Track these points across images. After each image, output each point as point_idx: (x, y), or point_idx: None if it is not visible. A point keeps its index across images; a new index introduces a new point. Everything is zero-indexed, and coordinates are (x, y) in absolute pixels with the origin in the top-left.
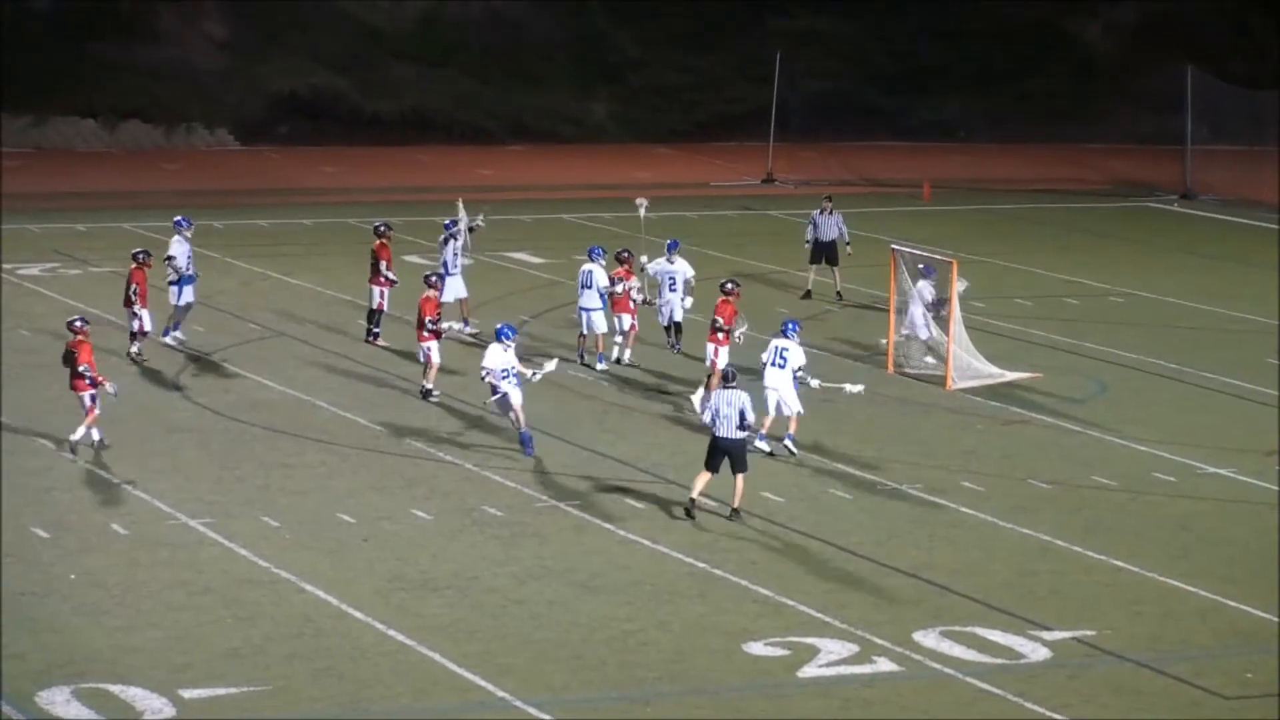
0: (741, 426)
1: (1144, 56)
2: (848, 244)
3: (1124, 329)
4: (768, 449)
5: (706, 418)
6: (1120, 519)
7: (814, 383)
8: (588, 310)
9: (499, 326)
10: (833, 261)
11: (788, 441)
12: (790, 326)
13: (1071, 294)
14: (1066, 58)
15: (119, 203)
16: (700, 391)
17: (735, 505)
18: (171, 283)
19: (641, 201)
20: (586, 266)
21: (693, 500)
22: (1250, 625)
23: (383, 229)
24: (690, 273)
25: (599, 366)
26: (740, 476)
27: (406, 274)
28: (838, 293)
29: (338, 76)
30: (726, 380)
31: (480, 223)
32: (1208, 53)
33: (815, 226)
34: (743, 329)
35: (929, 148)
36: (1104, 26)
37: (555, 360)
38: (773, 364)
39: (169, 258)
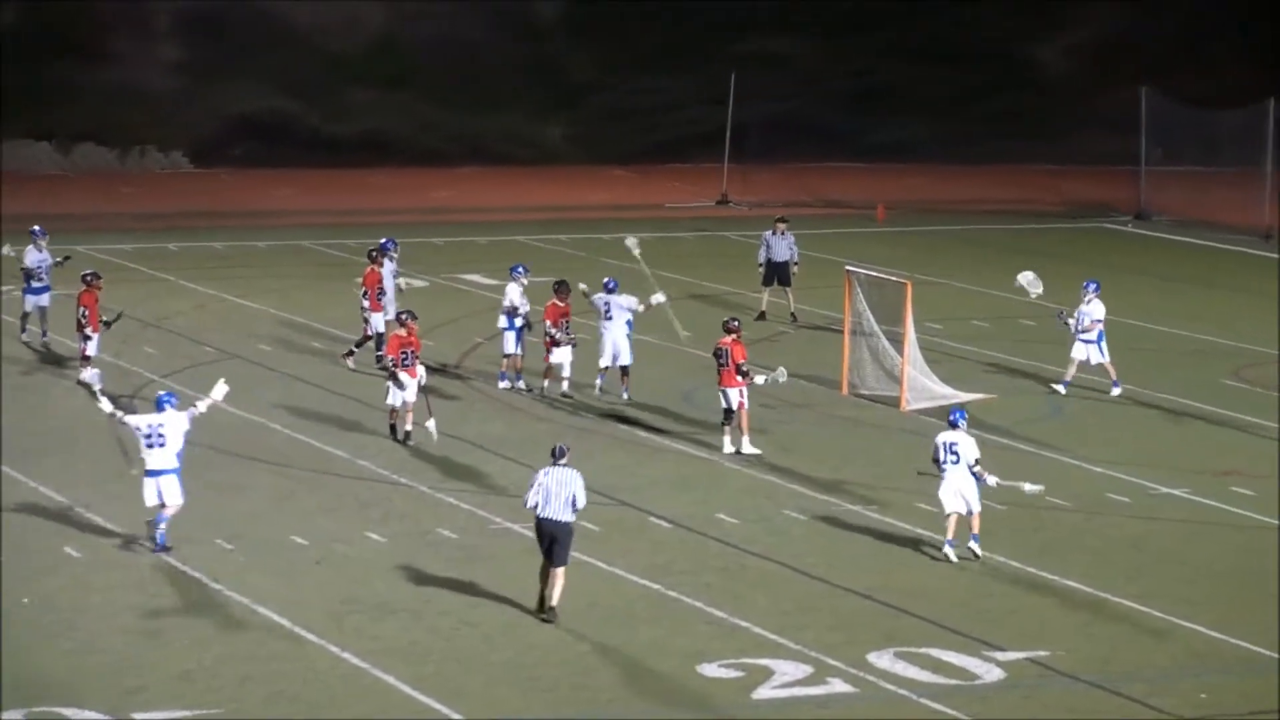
0: (573, 510)
1: (1100, 78)
2: (795, 264)
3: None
4: (955, 557)
5: (533, 499)
6: (1075, 540)
7: (991, 480)
8: (503, 330)
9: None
10: (785, 282)
11: (973, 544)
12: (958, 416)
13: (1027, 315)
14: (1023, 79)
15: (73, 225)
16: (728, 438)
17: (553, 603)
18: (26, 291)
19: (632, 242)
20: (509, 285)
21: (543, 602)
22: (1205, 646)
23: (375, 253)
24: (635, 305)
25: (500, 384)
26: (561, 570)
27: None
28: (792, 314)
29: (293, 99)
30: (557, 457)
31: (402, 285)
32: (1163, 74)
33: (768, 247)
34: (779, 373)
35: (885, 168)
36: (1060, 48)
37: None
38: (944, 461)
39: (23, 267)
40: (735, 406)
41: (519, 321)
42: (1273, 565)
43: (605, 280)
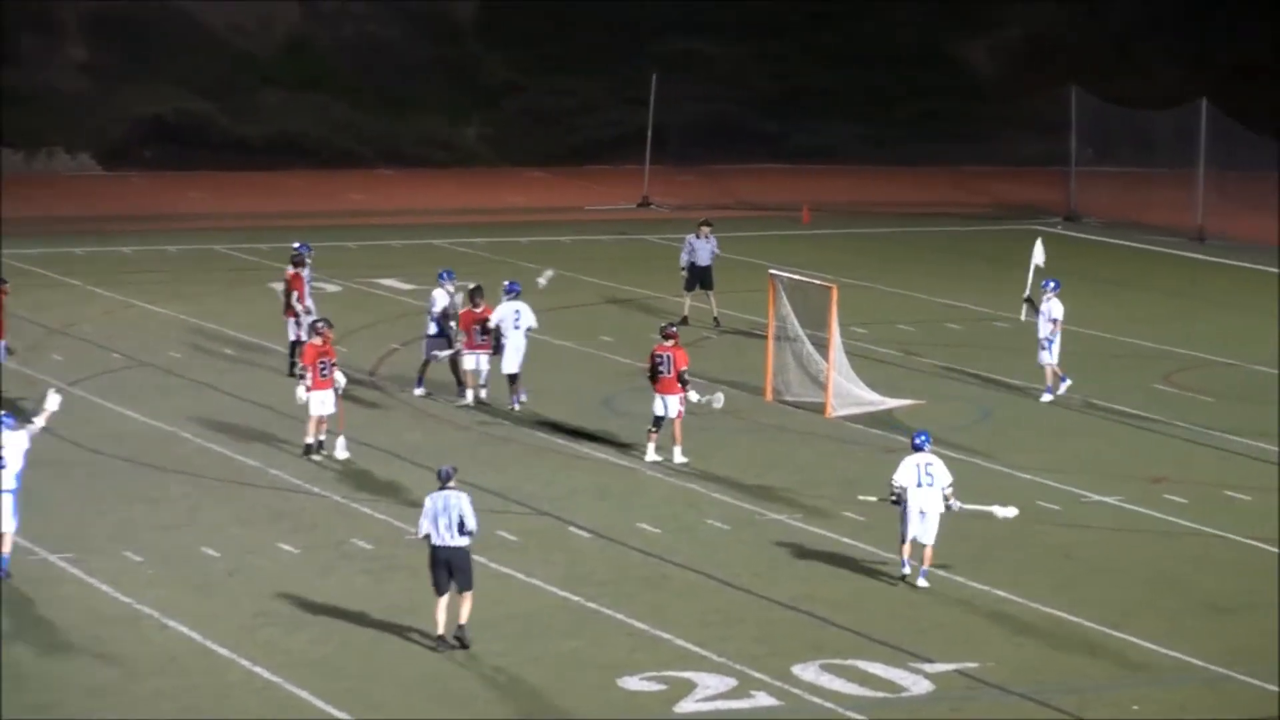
0: (463, 532)
1: (1028, 78)
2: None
3: (1008, 354)
4: (925, 583)
5: (424, 527)
6: (1004, 548)
7: (955, 505)
8: (428, 337)
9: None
10: (708, 286)
11: (921, 579)
12: (924, 439)
13: (954, 319)
14: (950, 79)
15: None
16: (652, 445)
17: (462, 622)
18: None
19: (544, 277)
20: (434, 291)
21: (441, 638)
22: (1138, 657)
23: (297, 256)
24: (531, 321)
25: (416, 391)
26: (467, 595)
27: (272, 301)
28: (715, 319)
29: (204, 100)
30: (443, 480)
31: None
32: (1093, 74)
33: (691, 250)
34: (717, 397)
35: (809, 170)
36: (988, 48)
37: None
38: (919, 484)
39: None
40: (673, 415)
41: (443, 324)
42: (1205, 574)
43: (507, 283)
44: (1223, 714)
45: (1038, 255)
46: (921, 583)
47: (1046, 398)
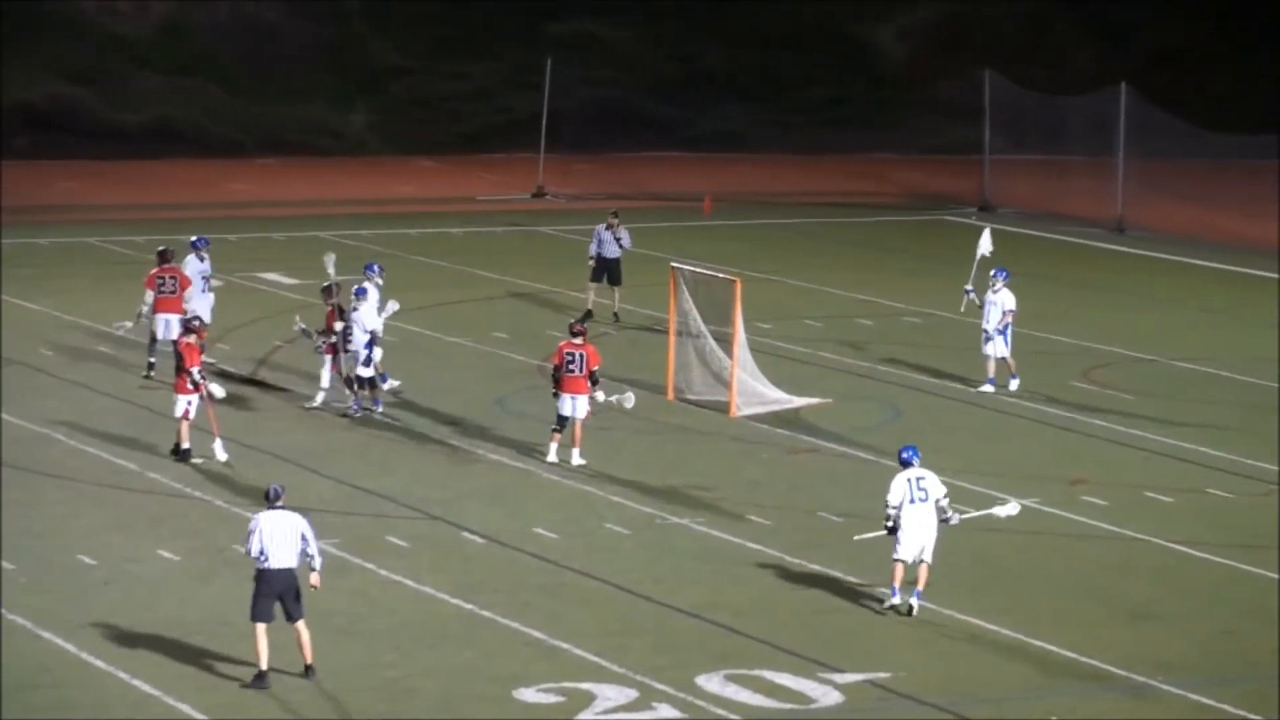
0: (305, 557)
1: (939, 62)
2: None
3: (920, 351)
4: (918, 605)
5: (255, 547)
6: None
7: (954, 518)
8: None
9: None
10: (615, 281)
11: (914, 599)
12: (912, 453)
13: (864, 314)
14: (858, 64)
15: None
16: (555, 445)
17: (310, 661)
18: None
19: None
20: (358, 285)
21: (264, 674)
22: (1056, 665)
23: (167, 251)
24: (374, 325)
25: (384, 385)
26: (302, 625)
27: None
28: (615, 314)
29: (77, 86)
30: (271, 500)
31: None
32: (1006, 58)
33: (600, 243)
34: (628, 397)
35: (712, 159)
36: (896, 31)
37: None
38: (913, 500)
39: None
40: (580, 416)
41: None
42: (1125, 579)
43: (356, 287)
44: None
45: (984, 245)
46: (915, 606)
47: (987, 389)
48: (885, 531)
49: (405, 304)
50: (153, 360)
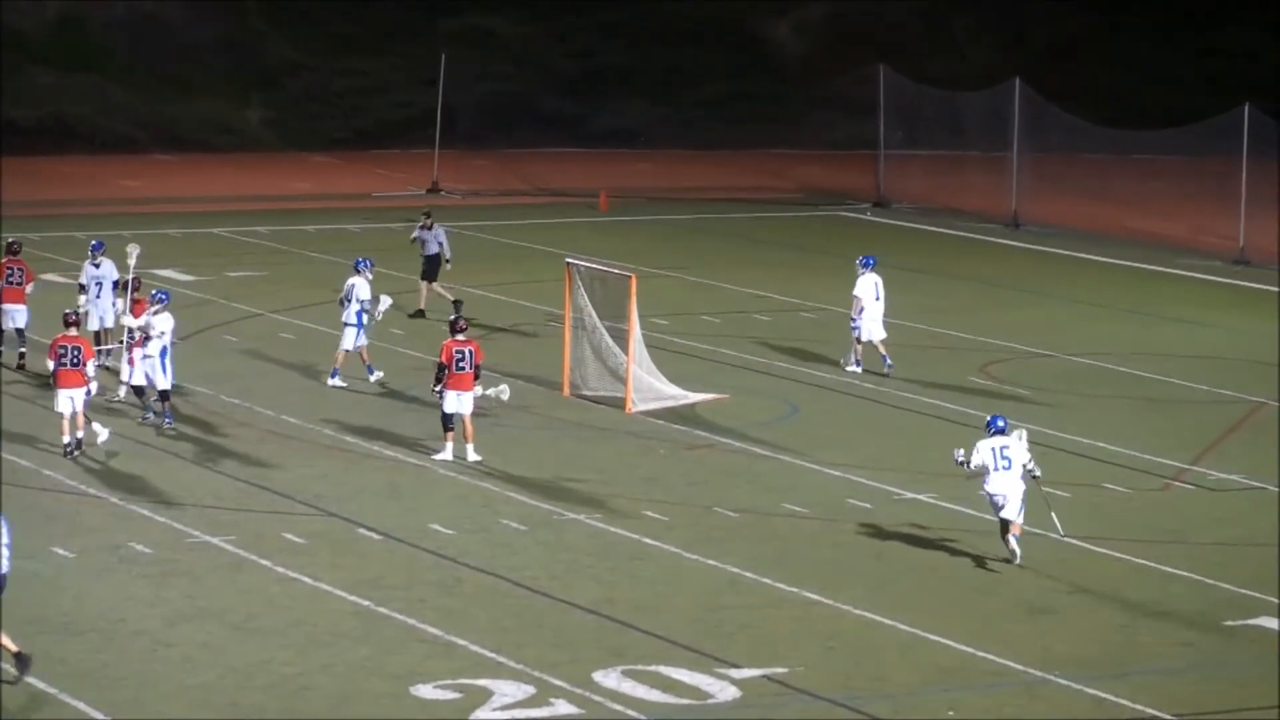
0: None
1: (835, 58)
2: (448, 260)
3: (816, 346)
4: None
5: None
6: (813, 549)
7: (1038, 470)
8: (346, 325)
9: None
10: (431, 278)
11: (1014, 542)
12: (1005, 421)
13: (760, 309)
14: (753, 59)
15: None
16: (451, 444)
17: (16, 650)
18: None
19: (132, 248)
20: (350, 280)
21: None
22: (951, 660)
23: (17, 245)
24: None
25: (370, 378)
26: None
27: (48, 294)
28: (420, 310)
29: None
30: None
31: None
32: (903, 54)
33: (422, 242)
34: (503, 389)
35: (609, 155)
36: (792, 26)
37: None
38: (997, 468)
39: None
40: (467, 411)
41: (366, 318)
42: (1022, 574)
43: (154, 293)
44: (1040, 717)
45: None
46: (1016, 548)
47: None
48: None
49: (301, 300)
50: (22, 350)
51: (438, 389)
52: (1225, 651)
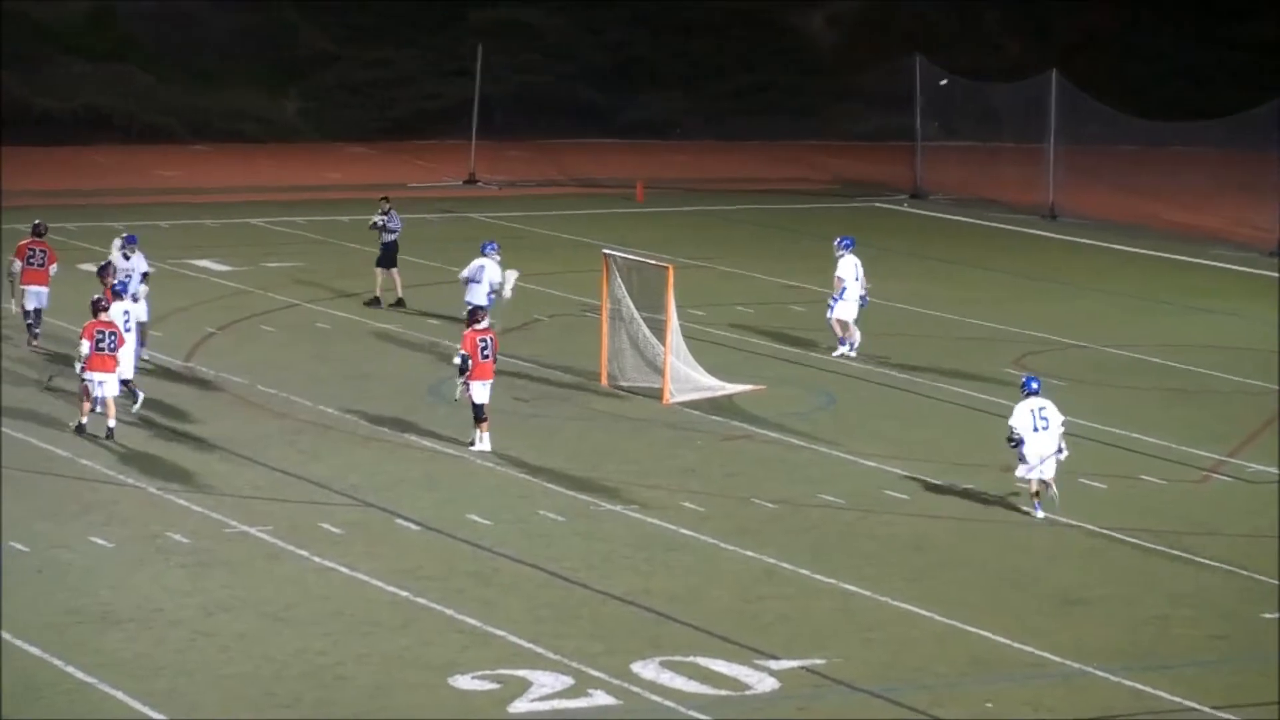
0: None
1: (870, 49)
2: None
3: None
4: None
5: None
6: (850, 540)
7: (1065, 453)
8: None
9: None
10: (392, 264)
11: (1053, 490)
12: (1038, 382)
13: (795, 301)
14: (788, 51)
15: None
16: (486, 434)
17: None
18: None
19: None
20: (478, 261)
21: None
22: (989, 652)
23: (43, 226)
24: (143, 315)
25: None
26: None
27: (82, 282)
28: (399, 298)
29: (3, 71)
30: None
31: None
32: (935, 45)
33: (382, 229)
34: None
35: (643, 146)
36: (826, 17)
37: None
38: (1035, 429)
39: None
40: (487, 400)
41: (495, 299)
42: (1058, 565)
43: (116, 285)
44: (1077, 710)
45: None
46: (1039, 515)
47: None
48: (1010, 444)
49: (338, 290)
50: (37, 330)
51: (463, 381)
52: (1262, 644)
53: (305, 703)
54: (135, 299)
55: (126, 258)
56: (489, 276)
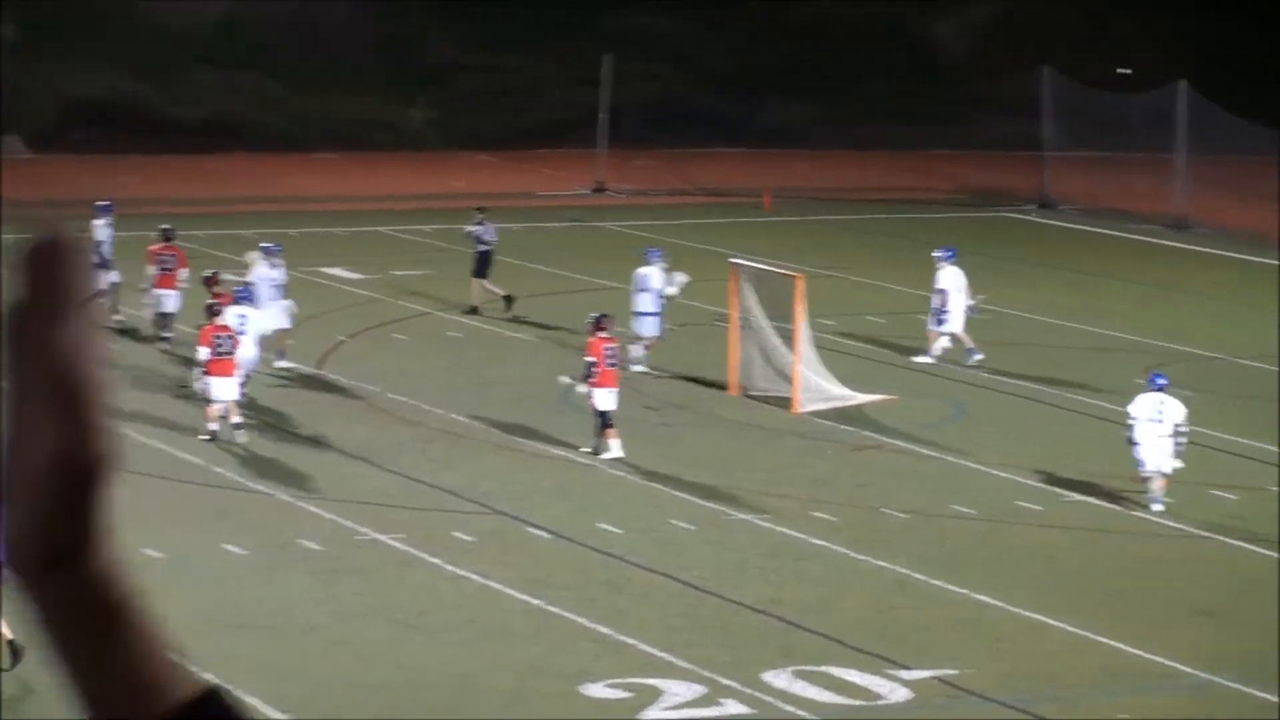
0: None
1: (998, 58)
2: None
3: (982, 347)
4: (1159, 507)
5: None
6: (981, 550)
7: (1182, 445)
8: (641, 314)
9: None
10: (482, 275)
11: (1156, 505)
12: (1165, 379)
13: (925, 311)
14: (916, 59)
15: None
16: (616, 441)
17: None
18: None
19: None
20: (642, 270)
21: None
22: (1120, 663)
23: (170, 229)
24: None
25: (634, 369)
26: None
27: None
28: (474, 308)
29: (134, 80)
30: None
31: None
32: (1066, 54)
33: (476, 240)
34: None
35: (770, 155)
36: (955, 26)
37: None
38: (1150, 419)
39: None
40: (614, 408)
41: (664, 301)
42: (1188, 576)
43: (237, 290)
44: None
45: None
46: (1156, 507)
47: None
48: (1127, 440)
49: (467, 298)
50: (168, 335)
51: (586, 388)
52: None
53: (439, 711)
54: (286, 309)
55: (274, 266)
56: (652, 284)
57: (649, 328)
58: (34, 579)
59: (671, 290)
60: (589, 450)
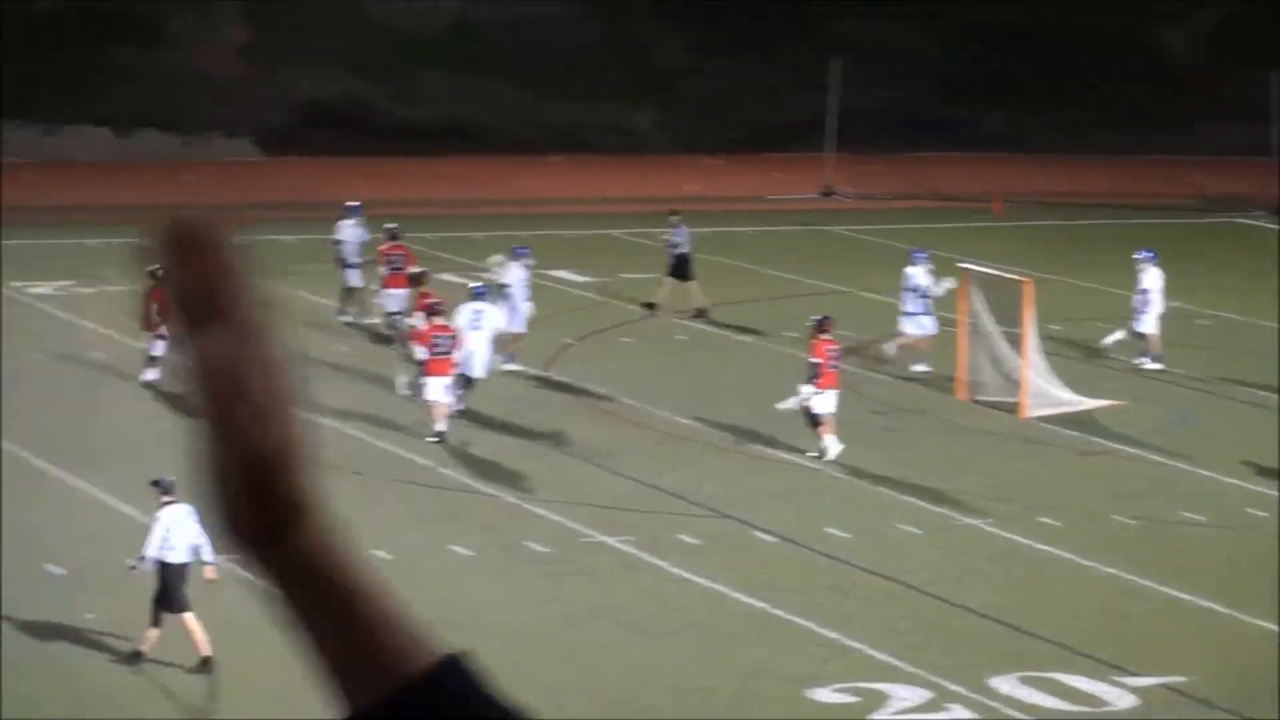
0: (197, 553)
1: (1230, 62)
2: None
3: (1213, 354)
4: None
5: (153, 548)
6: (1212, 558)
7: None
8: (909, 314)
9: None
10: (682, 276)
11: None
12: None
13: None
14: (1145, 64)
15: (134, 217)
16: (835, 442)
17: (208, 654)
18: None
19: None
20: (908, 269)
21: (141, 653)
22: None
23: (392, 229)
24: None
25: (917, 368)
26: (190, 615)
27: (439, 291)
28: (698, 310)
29: (365, 83)
30: (165, 490)
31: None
32: None
33: (672, 244)
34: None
35: (998, 159)
36: (1185, 32)
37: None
38: None
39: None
40: (833, 409)
41: (927, 301)
42: None
43: (474, 287)
44: None
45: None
46: None
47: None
48: None
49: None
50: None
51: (810, 390)
52: None
53: (666, 714)
54: (525, 313)
55: (526, 268)
56: (921, 281)
57: (914, 326)
58: (253, 556)
59: (938, 291)
60: (814, 455)
